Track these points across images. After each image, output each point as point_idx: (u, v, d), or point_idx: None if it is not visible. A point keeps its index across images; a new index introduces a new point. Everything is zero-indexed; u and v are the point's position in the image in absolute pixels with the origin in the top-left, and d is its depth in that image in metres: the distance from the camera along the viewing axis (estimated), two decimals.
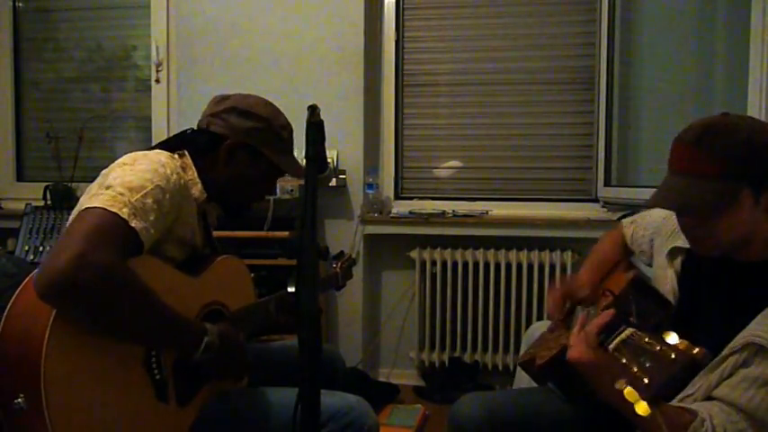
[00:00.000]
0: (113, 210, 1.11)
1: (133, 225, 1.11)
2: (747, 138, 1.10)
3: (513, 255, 2.94)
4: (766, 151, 1.10)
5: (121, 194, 1.14)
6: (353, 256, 2.04)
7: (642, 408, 0.96)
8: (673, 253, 1.34)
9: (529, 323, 2.87)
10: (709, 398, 1.10)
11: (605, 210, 2.93)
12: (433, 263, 3.01)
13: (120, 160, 1.27)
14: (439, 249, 2.99)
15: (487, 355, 3.02)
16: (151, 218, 1.16)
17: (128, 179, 1.18)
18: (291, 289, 1.56)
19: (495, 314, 2.99)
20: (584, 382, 1.14)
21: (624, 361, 1.01)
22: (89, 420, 1.08)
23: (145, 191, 1.17)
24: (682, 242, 1.30)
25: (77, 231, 1.07)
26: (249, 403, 1.37)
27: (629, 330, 1.06)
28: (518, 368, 2.24)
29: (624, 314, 1.17)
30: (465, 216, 2.96)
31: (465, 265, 2.99)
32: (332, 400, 1.34)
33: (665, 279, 1.33)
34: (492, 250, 2.95)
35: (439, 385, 2.97)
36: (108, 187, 1.15)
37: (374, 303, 3.18)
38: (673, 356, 0.96)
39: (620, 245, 1.63)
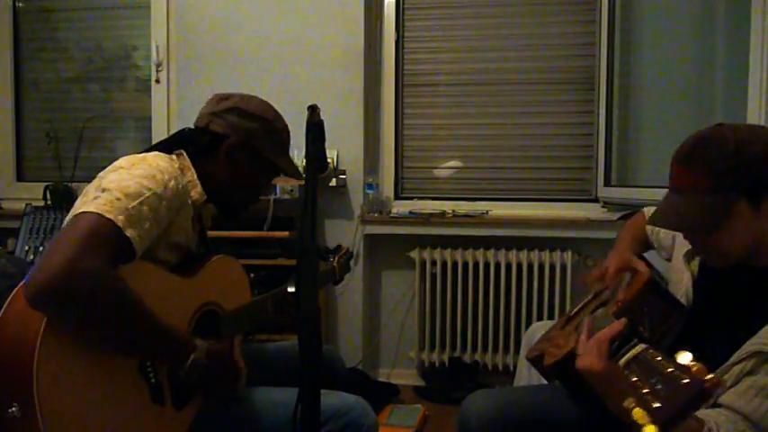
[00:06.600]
0: (109, 216, 1.09)
1: (127, 234, 1.10)
2: (736, 150, 1.10)
3: (513, 255, 2.94)
4: (755, 162, 1.10)
5: (118, 200, 1.12)
6: (352, 251, 2.03)
7: (651, 430, 0.94)
8: (689, 255, 1.33)
9: (529, 323, 2.87)
10: (714, 404, 1.09)
11: (605, 210, 2.93)
12: (433, 263, 3.01)
13: (116, 163, 1.25)
14: (439, 249, 2.99)
15: (487, 355, 3.02)
16: (146, 226, 1.15)
17: (125, 184, 1.16)
18: (291, 289, 1.56)
19: (495, 314, 2.99)
20: (592, 388, 1.13)
21: (634, 379, 0.98)
22: (84, 427, 1.07)
23: (141, 198, 1.15)
24: None
25: (70, 237, 1.05)
26: (248, 403, 1.36)
27: (640, 346, 1.03)
28: (518, 366, 2.24)
29: (635, 323, 1.15)
30: (465, 216, 2.96)
31: (465, 265, 2.98)
32: (331, 399, 1.34)
33: (681, 281, 1.32)
34: (492, 250, 2.95)
35: (439, 385, 2.97)
36: (104, 190, 1.13)
37: (374, 303, 3.18)
38: (685, 381, 0.94)
39: (642, 231, 1.59)
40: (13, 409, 1.01)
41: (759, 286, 1.17)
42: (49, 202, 3.00)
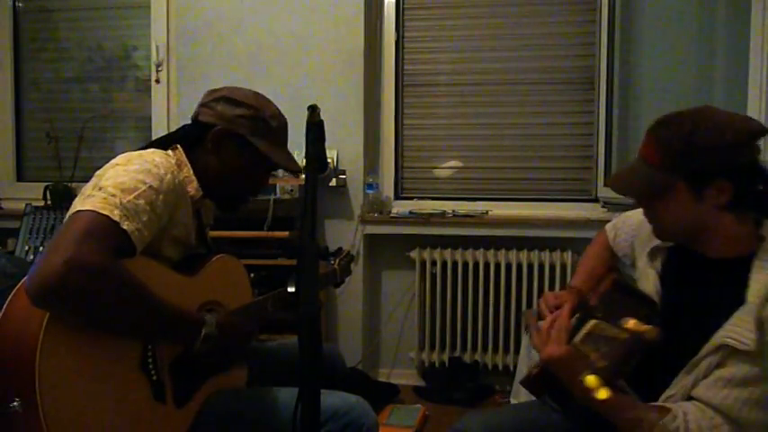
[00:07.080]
0: (104, 212, 1.10)
1: (125, 227, 1.11)
2: (689, 134, 1.12)
3: (513, 255, 2.94)
4: (704, 151, 1.12)
5: (113, 196, 1.13)
6: (353, 254, 2.04)
7: (603, 393, 0.99)
8: (653, 253, 1.35)
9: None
10: (689, 398, 1.13)
11: (605, 210, 2.93)
12: (433, 263, 3.01)
13: (113, 161, 1.26)
14: (439, 249, 2.99)
15: (487, 355, 3.02)
16: (144, 219, 1.15)
17: (120, 180, 1.17)
18: (291, 289, 1.56)
19: (495, 314, 2.99)
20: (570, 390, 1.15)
21: (586, 350, 1.05)
22: (86, 423, 1.08)
23: (137, 192, 1.16)
24: (661, 242, 1.32)
25: (67, 235, 1.06)
26: (249, 403, 1.37)
27: (592, 322, 1.10)
28: (518, 366, 2.24)
29: (590, 310, 1.19)
30: (465, 216, 2.96)
31: (465, 265, 2.99)
32: (331, 399, 1.34)
33: (648, 279, 1.34)
34: (492, 250, 2.95)
35: (439, 385, 2.97)
36: (100, 189, 1.14)
37: (374, 303, 3.18)
38: (624, 336, 1.00)
39: (606, 249, 1.60)
40: (15, 403, 1.02)
41: (716, 278, 1.19)
42: (48, 202, 3.01)
